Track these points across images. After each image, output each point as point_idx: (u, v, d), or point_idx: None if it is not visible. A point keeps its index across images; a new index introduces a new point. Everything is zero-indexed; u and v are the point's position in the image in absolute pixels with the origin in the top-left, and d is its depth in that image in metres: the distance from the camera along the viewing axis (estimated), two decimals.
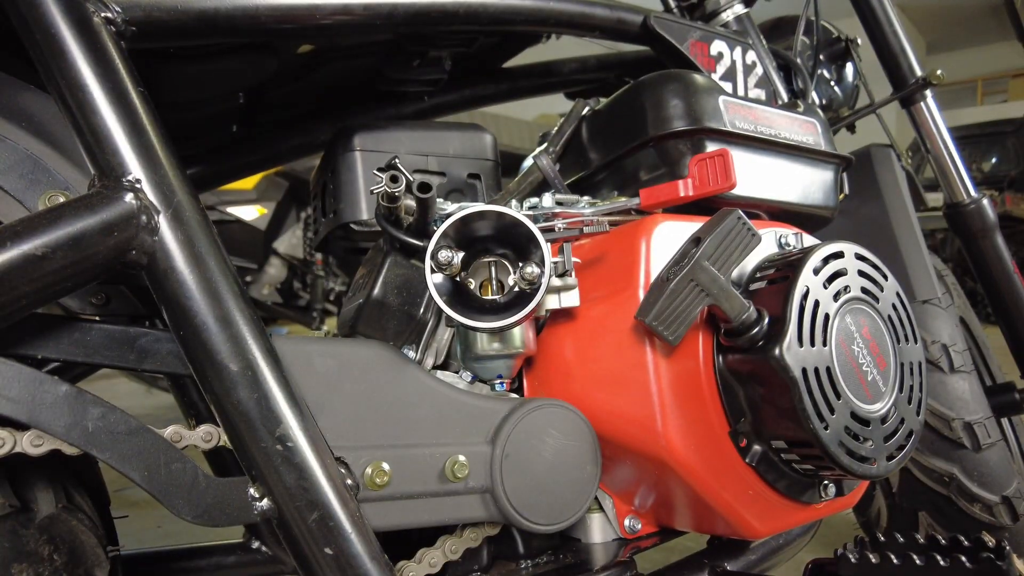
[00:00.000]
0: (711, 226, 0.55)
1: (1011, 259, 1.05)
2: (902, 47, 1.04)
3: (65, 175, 0.47)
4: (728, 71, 0.86)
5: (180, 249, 0.44)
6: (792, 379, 0.54)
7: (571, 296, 0.60)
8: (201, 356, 0.44)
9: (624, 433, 0.60)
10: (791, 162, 0.77)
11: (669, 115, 0.70)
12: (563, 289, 0.60)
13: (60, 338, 0.45)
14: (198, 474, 0.45)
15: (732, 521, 0.60)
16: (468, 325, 0.52)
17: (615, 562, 0.65)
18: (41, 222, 0.40)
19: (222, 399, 0.45)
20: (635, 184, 0.72)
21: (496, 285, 0.57)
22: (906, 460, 0.60)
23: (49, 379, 0.42)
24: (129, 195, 0.42)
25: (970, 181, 1.07)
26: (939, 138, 1.06)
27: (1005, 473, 0.96)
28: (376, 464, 0.50)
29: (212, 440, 0.47)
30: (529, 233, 0.54)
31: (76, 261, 0.41)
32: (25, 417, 0.41)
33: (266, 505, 0.45)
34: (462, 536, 0.59)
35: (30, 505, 0.47)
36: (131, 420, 0.44)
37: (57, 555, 0.48)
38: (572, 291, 0.60)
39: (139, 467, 0.43)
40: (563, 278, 0.59)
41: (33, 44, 0.44)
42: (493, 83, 1.05)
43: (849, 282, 0.60)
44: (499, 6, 0.72)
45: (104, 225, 0.41)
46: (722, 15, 0.91)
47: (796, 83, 1.01)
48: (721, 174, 0.57)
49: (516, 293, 0.56)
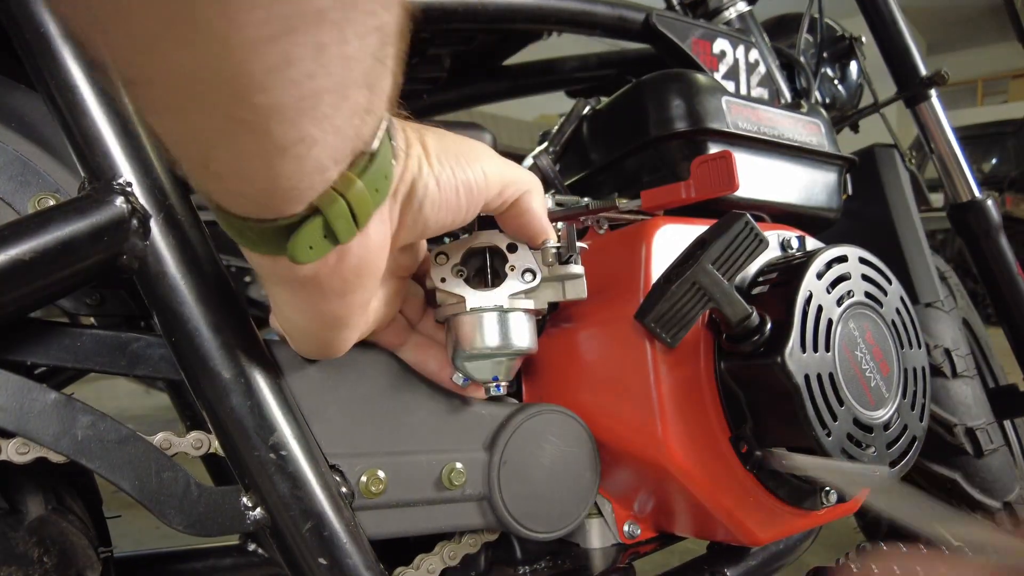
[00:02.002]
0: (718, 229, 0.54)
1: (1015, 260, 1.04)
2: (907, 46, 1.03)
3: (56, 177, 0.46)
4: (731, 70, 0.85)
5: (172, 254, 0.43)
6: (795, 386, 0.53)
7: (577, 286, 0.53)
8: (193, 362, 0.44)
9: (623, 438, 0.59)
10: (794, 163, 0.76)
11: (671, 116, 0.69)
12: (567, 278, 0.53)
13: (50, 344, 0.44)
14: (190, 483, 0.44)
15: (732, 527, 0.60)
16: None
17: (614, 567, 0.64)
18: (29, 226, 0.39)
19: (215, 406, 0.44)
20: (636, 185, 0.72)
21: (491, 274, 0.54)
22: (909, 467, 0.59)
23: (38, 387, 0.41)
24: (120, 199, 0.41)
25: (974, 181, 1.06)
26: (943, 138, 1.05)
27: (1007, 479, 0.96)
28: (371, 472, 0.49)
29: (202, 447, 0.46)
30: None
31: (65, 266, 0.40)
32: (12, 425, 0.40)
33: (259, 514, 0.44)
34: (460, 542, 0.59)
35: (19, 507, 0.47)
36: (121, 428, 0.43)
37: (47, 557, 0.47)
38: (578, 280, 0.53)
39: (129, 476, 0.42)
40: (567, 265, 0.52)
41: (22, 42, 0.43)
42: (493, 81, 1.04)
43: (853, 287, 0.59)
44: (499, 4, 0.71)
45: (94, 229, 0.40)
46: (725, 13, 0.91)
47: (799, 82, 1.01)
48: (724, 177, 0.56)
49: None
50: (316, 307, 0.39)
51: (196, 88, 0.25)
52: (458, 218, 0.43)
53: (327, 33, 0.25)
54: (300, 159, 0.29)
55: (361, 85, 0.29)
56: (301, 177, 0.31)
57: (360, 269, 0.38)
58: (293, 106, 0.27)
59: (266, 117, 0.27)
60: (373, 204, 0.35)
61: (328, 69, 0.27)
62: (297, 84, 0.26)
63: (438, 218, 0.41)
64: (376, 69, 0.30)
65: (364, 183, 0.33)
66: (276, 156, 0.29)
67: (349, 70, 0.28)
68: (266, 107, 0.26)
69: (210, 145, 0.28)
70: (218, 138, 0.28)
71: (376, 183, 0.34)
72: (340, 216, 0.33)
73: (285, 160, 0.29)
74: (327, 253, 0.35)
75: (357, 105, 0.30)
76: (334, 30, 0.26)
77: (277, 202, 0.32)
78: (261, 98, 0.26)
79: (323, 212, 0.33)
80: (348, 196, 0.33)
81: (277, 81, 0.26)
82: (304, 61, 0.25)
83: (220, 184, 0.31)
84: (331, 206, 0.33)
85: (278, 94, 0.26)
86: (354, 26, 0.26)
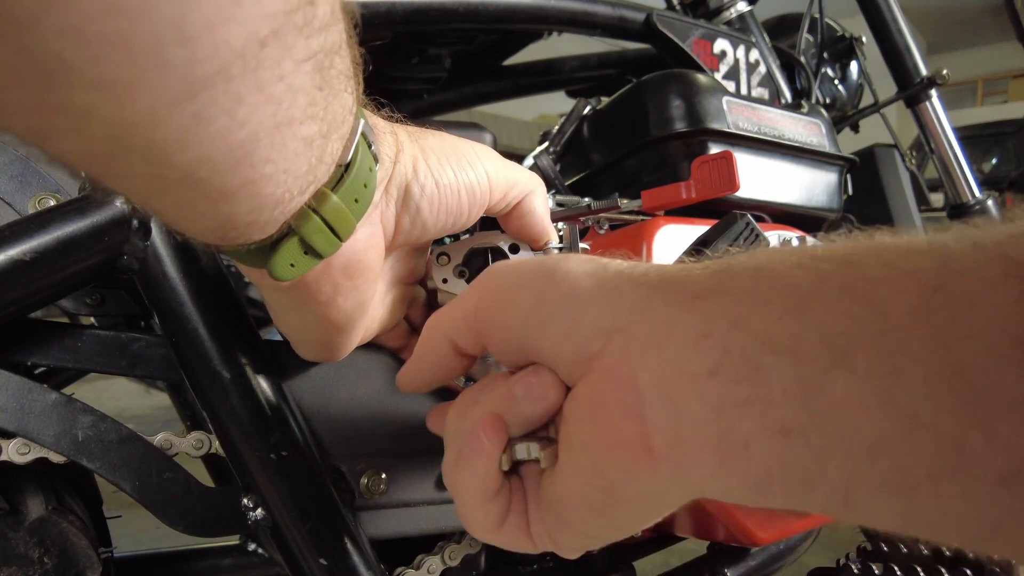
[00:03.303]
0: (718, 229, 0.54)
1: None
2: (907, 46, 1.03)
3: (56, 177, 0.46)
4: (731, 70, 0.85)
5: (172, 254, 0.43)
6: None
7: None
8: (194, 362, 0.44)
9: None
10: (795, 164, 0.76)
11: (671, 116, 0.69)
12: None
13: (50, 344, 0.44)
14: (190, 483, 0.44)
15: (732, 528, 0.60)
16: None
17: (614, 567, 0.64)
18: (29, 226, 0.39)
19: (215, 406, 0.44)
20: (637, 185, 0.72)
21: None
22: None
23: (38, 387, 0.41)
24: (120, 199, 0.41)
25: (974, 181, 1.06)
26: (944, 138, 1.05)
27: None
28: (372, 473, 0.49)
29: (203, 447, 0.46)
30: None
31: (65, 266, 0.40)
32: (13, 426, 0.40)
33: (260, 515, 0.44)
34: (461, 543, 0.58)
35: (20, 507, 0.47)
36: (122, 428, 0.43)
37: (48, 558, 0.47)
38: None
39: (130, 476, 0.42)
40: None
41: None
42: (493, 81, 1.04)
43: None
44: (499, 4, 0.71)
45: (95, 229, 0.40)
46: (725, 13, 0.91)
47: (800, 82, 1.01)
48: (724, 177, 0.56)
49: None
50: (310, 311, 0.39)
51: (109, 160, 0.24)
52: (460, 220, 0.42)
53: (238, 86, 0.23)
54: (251, 198, 0.28)
55: (306, 118, 0.27)
56: (260, 212, 0.29)
57: (350, 271, 0.37)
58: (224, 157, 0.25)
59: (195, 170, 0.25)
60: (354, 215, 0.34)
61: (255, 119, 0.25)
62: (220, 137, 0.24)
63: (438, 220, 0.41)
64: (322, 96, 0.28)
65: (340, 196, 0.32)
66: (222, 201, 0.27)
67: (283, 111, 0.26)
68: (189, 163, 0.25)
69: (148, 197, 0.27)
70: (151, 192, 0.27)
71: (355, 194, 0.33)
72: (316, 232, 0.32)
73: (236, 201, 0.28)
74: (312, 268, 0.34)
75: (307, 137, 0.28)
76: (246, 81, 0.24)
77: (240, 234, 0.31)
78: (181, 157, 0.24)
79: (297, 231, 0.32)
80: (323, 211, 0.32)
81: (194, 140, 0.24)
82: (220, 117, 0.24)
83: (178, 227, 0.30)
84: (305, 223, 0.32)
85: (201, 149, 0.24)
86: (273, 70, 0.24)
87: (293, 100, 0.26)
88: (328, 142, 0.30)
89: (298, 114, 0.27)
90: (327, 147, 0.30)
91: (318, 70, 0.27)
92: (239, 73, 0.23)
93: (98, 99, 0.21)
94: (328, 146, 0.30)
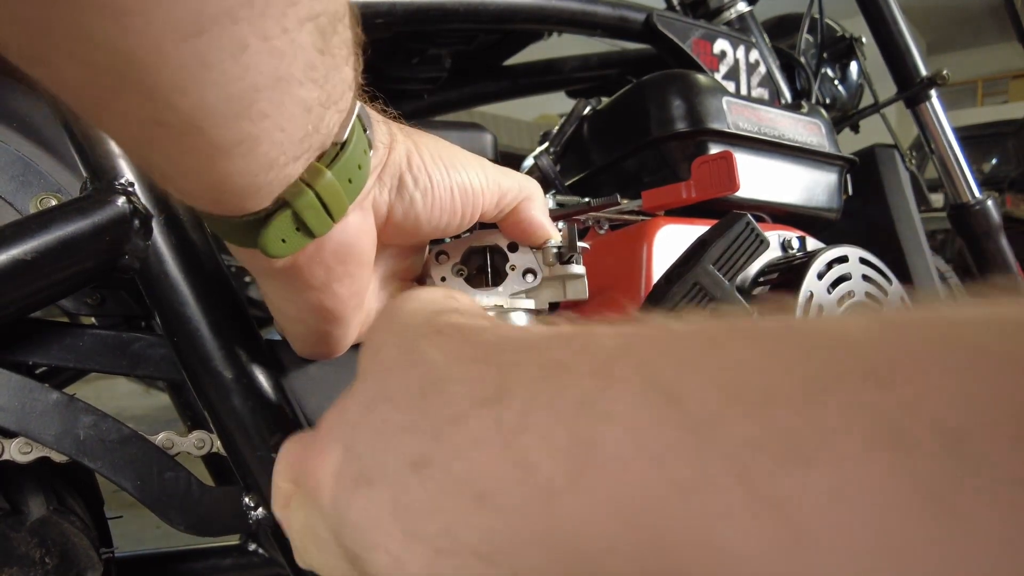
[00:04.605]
0: (718, 229, 0.54)
1: (1015, 261, 1.04)
2: (907, 46, 1.03)
3: (57, 177, 0.46)
4: (731, 70, 0.86)
5: (174, 254, 0.43)
6: None
7: (577, 287, 0.51)
8: (195, 362, 0.44)
9: None
10: (795, 164, 0.76)
11: (671, 116, 0.69)
12: (568, 278, 0.51)
13: (51, 343, 0.44)
14: (192, 483, 0.44)
15: None
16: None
17: None
18: (31, 226, 0.39)
19: (216, 406, 0.44)
20: (637, 185, 0.72)
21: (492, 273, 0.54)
22: None
23: (39, 386, 0.41)
24: (121, 199, 0.41)
25: (975, 182, 1.06)
26: (943, 138, 1.05)
27: None
28: None
29: (205, 447, 0.46)
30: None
31: (66, 266, 0.40)
32: (15, 425, 0.40)
33: (261, 514, 0.44)
34: None
35: (21, 508, 0.47)
36: (123, 428, 0.43)
37: (49, 558, 0.47)
38: (579, 281, 0.51)
39: (131, 476, 0.42)
40: (568, 265, 0.51)
41: None
42: (494, 81, 1.04)
43: (853, 287, 0.59)
44: (499, 4, 0.71)
45: (96, 229, 0.40)
46: (725, 13, 0.91)
47: (799, 82, 1.01)
48: (725, 177, 0.56)
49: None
50: (303, 298, 0.39)
51: (110, 97, 0.25)
52: (454, 221, 0.42)
53: (244, 30, 0.24)
54: (246, 157, 0.28)
55: (306, 79, 0.28)
56: (255, 174, 0.30)
57: (342, 256, 0.37)
58: (224, 106, 0.26)
59: (193, 118, 0.26)
60: (347, 195, 0.34)
61: (256, 68, 0.25)
62: (221, 85, 0.25)
63: (431, 216, 0.41)
64: (323, 61, 0.28)
65: (334, 173, 0.33)
66: (218, 157, 0.28)
67: (285, 66, 0.26)
68: (190, 108, 0.25)
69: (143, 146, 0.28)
70: (146, 141, 0.27)
71: (348, 173, 0.34)
72: (309, 207, 0.33)
73: (231, 159, 0.28)
74: (303, 246, 0.34)
75: (306, 101, 0.29)
76: (252, 26, 0.24)
77: (236, 199, 0.31)
78: (182, 100, 0.25)
79: (291, 204, 0.32)
80: (317, 187, 0.32)
81: (196, 83, 0.24)
82: (224, 61, 0.24)
83: (171, 184, 0.31)
84: (298, 198, 0.32)
85: (201, 95, 0.25)
86: (277, 21, 0.25)
87: (294, 57, 0.27)
88: (326, 112, 0.31)
89: (298, 74, 0.27)
90: (325, 117, 0.31)
91: (320, 32, 0.28)
92: (245, 16, 0.24)
93: (106, 25, 0.22)
94: (326, 117, 0.31)
